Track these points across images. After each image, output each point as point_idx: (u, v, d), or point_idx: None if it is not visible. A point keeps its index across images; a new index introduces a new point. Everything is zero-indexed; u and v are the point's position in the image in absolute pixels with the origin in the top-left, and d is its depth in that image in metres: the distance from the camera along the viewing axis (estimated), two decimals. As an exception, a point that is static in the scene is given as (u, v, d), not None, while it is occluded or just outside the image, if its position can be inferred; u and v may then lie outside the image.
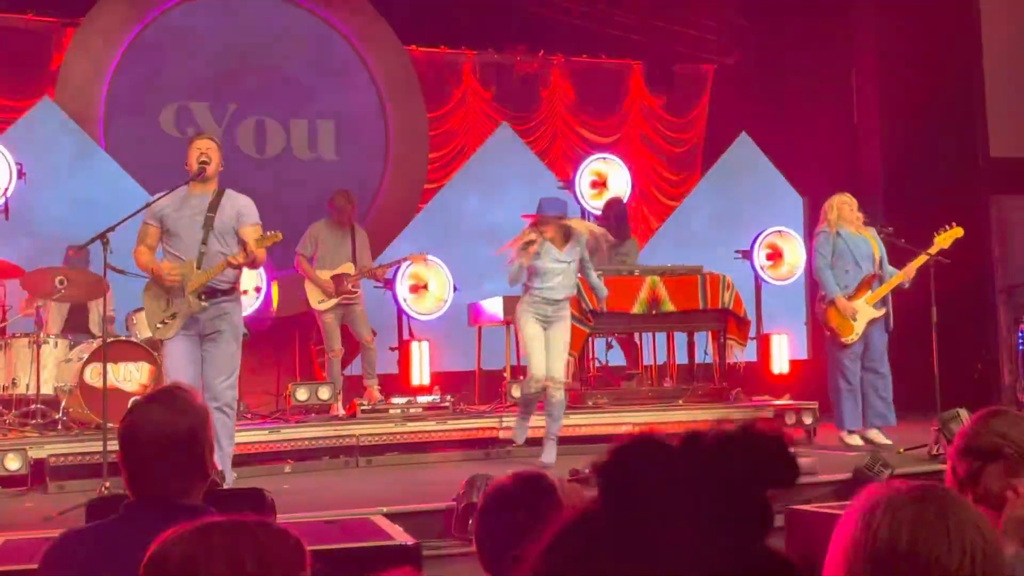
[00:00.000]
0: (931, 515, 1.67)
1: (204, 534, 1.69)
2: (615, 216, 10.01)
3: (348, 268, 9.56)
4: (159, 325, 6.63)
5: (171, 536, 1.71)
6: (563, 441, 8.60)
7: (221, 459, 6.26)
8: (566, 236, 7.72)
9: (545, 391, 7.72)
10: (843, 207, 8.44)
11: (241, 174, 10.93)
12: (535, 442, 8.51)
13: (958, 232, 8.32)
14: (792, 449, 1.17)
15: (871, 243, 8.41)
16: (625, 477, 1.13)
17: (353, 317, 9.66)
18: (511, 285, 7.91)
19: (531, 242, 7.60)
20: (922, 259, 8.28)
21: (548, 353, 7.74)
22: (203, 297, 6.52)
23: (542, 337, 7.76)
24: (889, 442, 8.23)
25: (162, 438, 2.61)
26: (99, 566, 2.46)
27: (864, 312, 8.29)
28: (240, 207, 6.68)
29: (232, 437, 6.81)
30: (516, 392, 9.29)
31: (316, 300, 9.51)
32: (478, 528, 2.65)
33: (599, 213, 10.54)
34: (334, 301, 9.48)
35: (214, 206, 6.62)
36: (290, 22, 11.89)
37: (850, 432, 8.37)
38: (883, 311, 8.35)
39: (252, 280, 9.41)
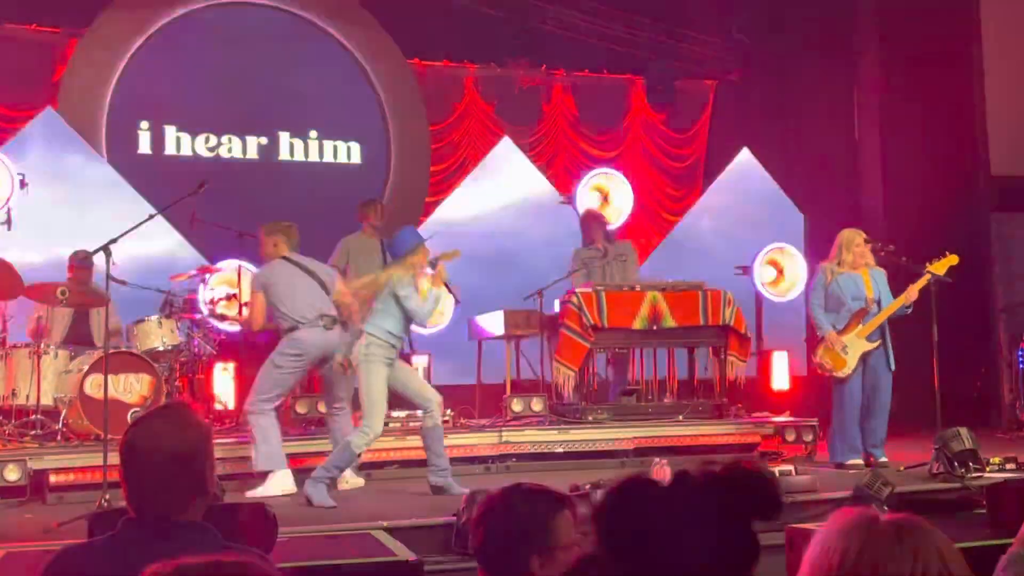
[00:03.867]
0: (888, 538, 1.70)
1: None
2: (596, 227, 10.08)
3: None
4: None
5: None
6: (564, 456, 8.62)
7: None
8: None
9: (426, 421, 7.44)
10: (848, 244, 8.40)
11: (243, 187, 10.98)
12: (540, 456, 8.56)
13: (953, 260, 8.32)
14: (775, 484, 1.26)
15: (865, 283, 8.38)
16: (621, 519, 1.20)
17: None
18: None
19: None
20: (914, 290, 8.28)
21: (417, 385, 7.51)
22: None
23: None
24: (885, 459, 8.22)
25: (163, 454, 2.59)
26: (98, 582, 2.45)
27: (856, 345, 8.27)
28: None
29: (255, 436, 7.52)
30: (517, 406, 9.26)
31: None
32: (481, 536, 2.72)
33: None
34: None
35: None
36: (293, 35, 11.92)
37: (840, 464, 8.30)
38: (877, 343, 8.31)
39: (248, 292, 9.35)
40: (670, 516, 1.22)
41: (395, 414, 9.12)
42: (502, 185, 12.00)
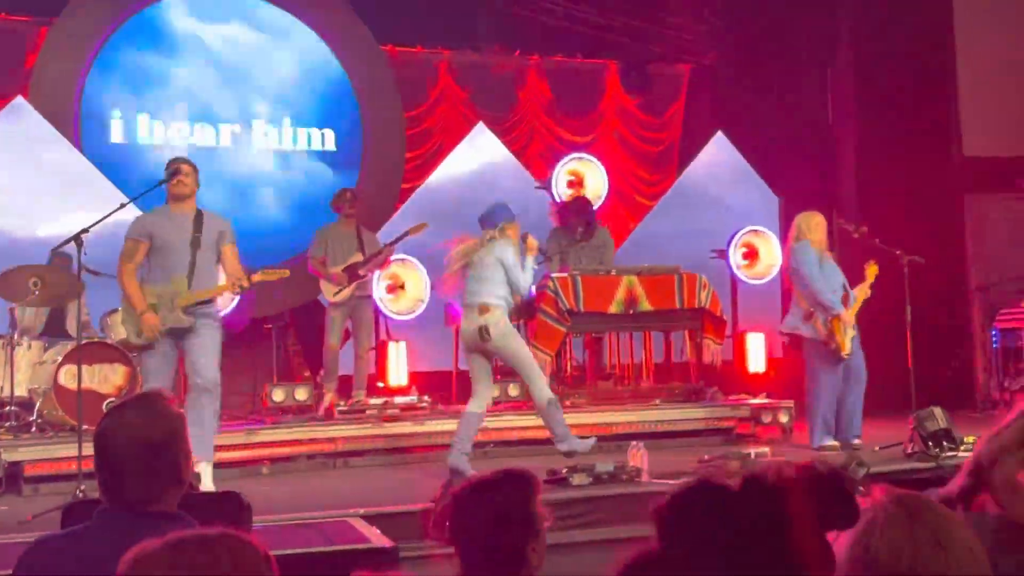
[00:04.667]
0: (927, 536, 1.68)
1: (173, 551, 1.66)
2: (580, 215, 10.09)
3: (358, 259, 9.53)
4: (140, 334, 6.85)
5: (139, 553, 1.67)
6: (542, 441, 8.63)
7: (203, 441, 6.52)
8: None
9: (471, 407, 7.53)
10: (819, 228, 8.41)
11: (216, 174, 10.92)
12: (513, 443, 8.59)
13: (875, 269, 8.39)
14: (851, 490, 1.21)
15: (836, 268, 8.43)
16: (686, 521, 1.16)
17: (360, 318, 9.67)
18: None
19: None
20: (866, 287, 8.34)
21: (492, 368, 7.65)
22: (189, 313, 6.85)
23: None
24: (860, 440, 8.27)
25: (137, 444, 2.59)
26: (73, 573, 2.45)
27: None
28: (221, 227, 7.05)
29: (217, 418, 6.99)
30: (494, 392, 9.27)
31: (331, 293, 9.46)
32: (454, 521, 2.68)
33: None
34: (349, 289, 9.41)
35: (198, 225, 6.94)
36: (265, 21, 11.85)
37: (820, 448, 8.29)
38: (854, 332, 8.37)
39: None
40: (740, 521, 1.17)
41: (372, 401, 9.16)
42: (477, 171, 11.99)
